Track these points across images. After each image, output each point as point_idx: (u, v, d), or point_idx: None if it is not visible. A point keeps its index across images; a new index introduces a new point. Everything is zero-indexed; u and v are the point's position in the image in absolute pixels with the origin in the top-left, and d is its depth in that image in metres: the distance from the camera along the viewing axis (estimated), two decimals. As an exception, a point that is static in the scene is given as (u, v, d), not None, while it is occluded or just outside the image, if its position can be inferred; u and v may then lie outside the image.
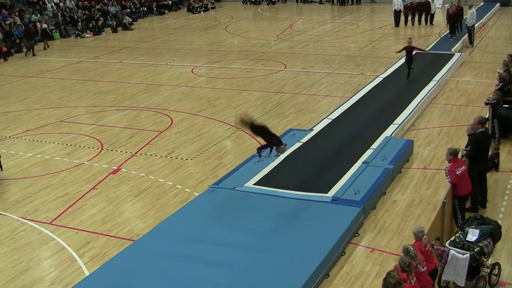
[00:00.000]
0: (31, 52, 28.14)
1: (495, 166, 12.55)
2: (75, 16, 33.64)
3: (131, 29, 34.16)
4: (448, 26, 26.57)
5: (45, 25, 30.55)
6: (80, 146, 15.20)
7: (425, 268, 7.61)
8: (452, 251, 8.17)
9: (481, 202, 10.90)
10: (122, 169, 13.59)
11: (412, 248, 7.46)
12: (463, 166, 9.81)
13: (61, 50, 29.35)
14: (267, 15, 39.44)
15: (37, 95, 20.65)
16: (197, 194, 11.89)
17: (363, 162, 12.48)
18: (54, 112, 18.34)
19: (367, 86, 18.87)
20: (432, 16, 31.18)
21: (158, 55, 26.83)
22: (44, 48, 29.23)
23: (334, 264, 9.33)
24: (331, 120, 15.59)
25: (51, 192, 12.55)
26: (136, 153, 14.59)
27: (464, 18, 26.03)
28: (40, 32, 30.05)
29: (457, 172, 9.62)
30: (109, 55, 27.27)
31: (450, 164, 9.74)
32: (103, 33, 33.16)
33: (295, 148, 13.58)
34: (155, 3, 40.20)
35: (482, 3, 35.70)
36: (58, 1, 34.37)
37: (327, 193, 11.15)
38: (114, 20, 34.57)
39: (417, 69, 19.36)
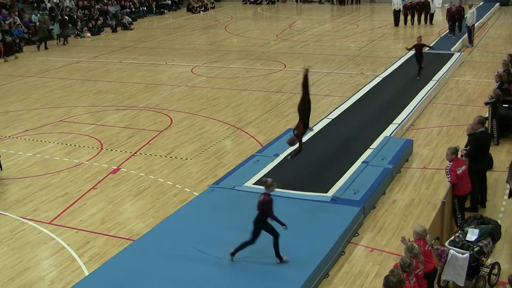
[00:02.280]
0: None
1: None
2: (75, 16, 33.61)
3: (131, 29, 34.13)
4: (449, 24, 26.60)
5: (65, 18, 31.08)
6: (79, 146, 15.19)
7: (422, 272, 7.56)
8: (451, 251, 8.17)
9: (480, 202, 10.90)
10: (122, 169, 13.58)
11: (416, 246, 7.43)
12: (464, 166, 9.80)
13: (61, 50, 29.32)
14: (266, 15, 39.45)
15: (36, 94, 20.64)
16: (197, 194, 11.89)
17: (362, 162, 12.48)
18: (54, 112, 18.34)
19: (367, 85, 18.85)
20: (432, 15, 31.16)
21: (158, 54, 26.82)
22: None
23: (333, 264, 9.34)
24: (330, 119, 15.59)
25: (51, 192, 12.55)
26: (135, 152, 14.59)
27: (464, 17, 26.02)
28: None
29: (458, 172, 9.60)
30: (108, 54, 27.26)
31: (451, 163, 9.73)
32: (102, 33, 33.05)
33: (294, 148, 13.54)
34: (154, 2, 40.14)
35: (481, 3, 35.67)
36: (58, 1, 34.32)
37: (326, 192, 11.15)
38: (113, 19, 34.54)
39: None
